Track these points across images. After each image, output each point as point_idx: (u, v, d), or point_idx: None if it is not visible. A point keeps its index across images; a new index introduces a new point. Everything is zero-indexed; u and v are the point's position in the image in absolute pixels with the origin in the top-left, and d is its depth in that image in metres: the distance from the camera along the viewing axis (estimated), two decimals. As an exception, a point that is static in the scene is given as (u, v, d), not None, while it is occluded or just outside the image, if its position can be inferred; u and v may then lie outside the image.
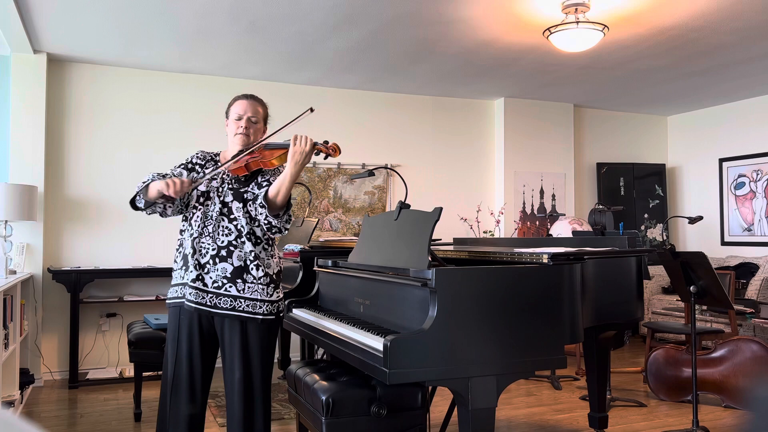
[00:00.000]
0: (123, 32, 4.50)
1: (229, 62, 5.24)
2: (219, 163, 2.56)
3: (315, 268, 3.07)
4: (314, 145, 2.39)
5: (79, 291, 4.87)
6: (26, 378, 4.52)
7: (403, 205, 2.58)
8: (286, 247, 3.97)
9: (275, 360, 5.71)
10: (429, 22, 4.28)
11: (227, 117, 2.58)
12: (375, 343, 2.13)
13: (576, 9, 3.88)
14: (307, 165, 5.93)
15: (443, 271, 2.08)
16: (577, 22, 3.91)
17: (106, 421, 3.94)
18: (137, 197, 2.44)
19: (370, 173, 4.03)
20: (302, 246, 3.93)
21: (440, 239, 5.32)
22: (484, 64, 5.33)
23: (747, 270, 6.07)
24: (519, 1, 3.92)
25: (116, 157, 5.36)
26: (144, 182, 2.42)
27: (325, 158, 2.56)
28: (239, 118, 2.52)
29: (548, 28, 4.04)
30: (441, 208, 2.30)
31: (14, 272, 4.54)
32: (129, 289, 5.34)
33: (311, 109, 2.55)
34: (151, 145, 5.45)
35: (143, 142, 5.44)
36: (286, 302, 3.08)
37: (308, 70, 5.47)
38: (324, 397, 2.27)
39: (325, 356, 3.77)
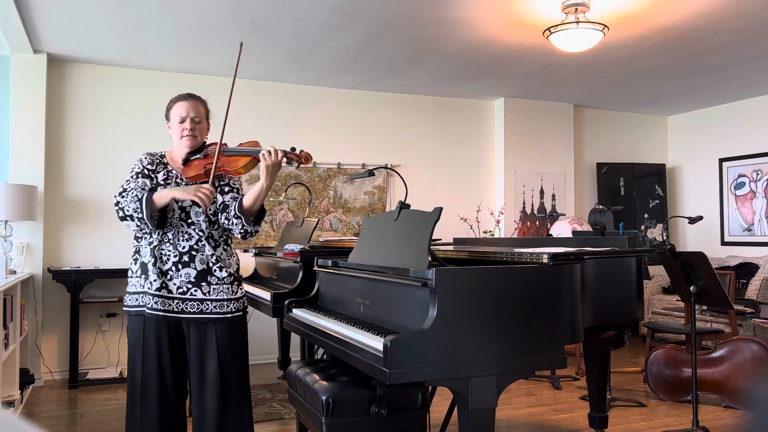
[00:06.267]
0: (123, 32, 4.50)
1: (229, 62, 5.23)
2: (169, 167, 2.55)
3: (315, 268, 3.07)
4: (284, 154, 2.45)
5: (79, 291, 4.87)
6: (26, 378, 4.52)
7: (403, 205, 2.57)
8: (286, 247, 3.96)
9: (276, 360, 5.71)
10: (429, 22, 4.28)
11: (168, 119, 2.58)
12: (375, 343, 2.13)
13: (576, 9, 3.88)
14: (308, 166, 5.93)
15: (443, 271, 2.08)
16: (577, 22, 3.91)
17: (106, 421, 3.94)
18: (147, 216, 2.32)
19: (370, 173, 4.03)
20: (302, 246, 3.92)
21: (440, 239, 5.32)
22: (484, 64, 5.33)
23: (747, 270, 6.07)
24: (519, 1, 3.92)
25: (116, 157, 5.36)
26: (137, 199, 2.33)
27: (297, 167, 2.61)
28: (182, 121, 2.52)
29: (548, 28, 4.04)
30: (441, 208, 2.30)
31: (14, 272, 4.54)
32: (129, 289, 5.33)
33: (241, 44, 2.72)
34: (151, 145, 5.44)
35: (143, 142, 5.44)
36: (286, 302, 3.08)
37: (308, 70, 5.47)
38: (324, 397, 2.27)
39: (325, 356, 3.77)
